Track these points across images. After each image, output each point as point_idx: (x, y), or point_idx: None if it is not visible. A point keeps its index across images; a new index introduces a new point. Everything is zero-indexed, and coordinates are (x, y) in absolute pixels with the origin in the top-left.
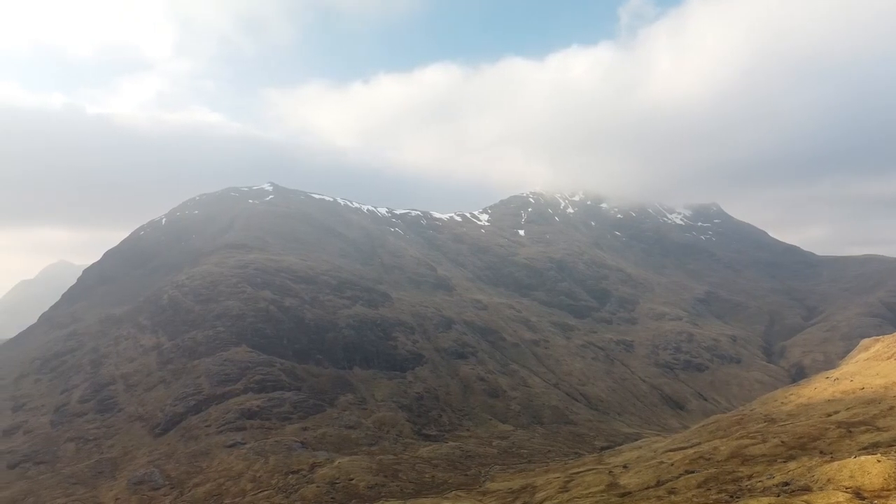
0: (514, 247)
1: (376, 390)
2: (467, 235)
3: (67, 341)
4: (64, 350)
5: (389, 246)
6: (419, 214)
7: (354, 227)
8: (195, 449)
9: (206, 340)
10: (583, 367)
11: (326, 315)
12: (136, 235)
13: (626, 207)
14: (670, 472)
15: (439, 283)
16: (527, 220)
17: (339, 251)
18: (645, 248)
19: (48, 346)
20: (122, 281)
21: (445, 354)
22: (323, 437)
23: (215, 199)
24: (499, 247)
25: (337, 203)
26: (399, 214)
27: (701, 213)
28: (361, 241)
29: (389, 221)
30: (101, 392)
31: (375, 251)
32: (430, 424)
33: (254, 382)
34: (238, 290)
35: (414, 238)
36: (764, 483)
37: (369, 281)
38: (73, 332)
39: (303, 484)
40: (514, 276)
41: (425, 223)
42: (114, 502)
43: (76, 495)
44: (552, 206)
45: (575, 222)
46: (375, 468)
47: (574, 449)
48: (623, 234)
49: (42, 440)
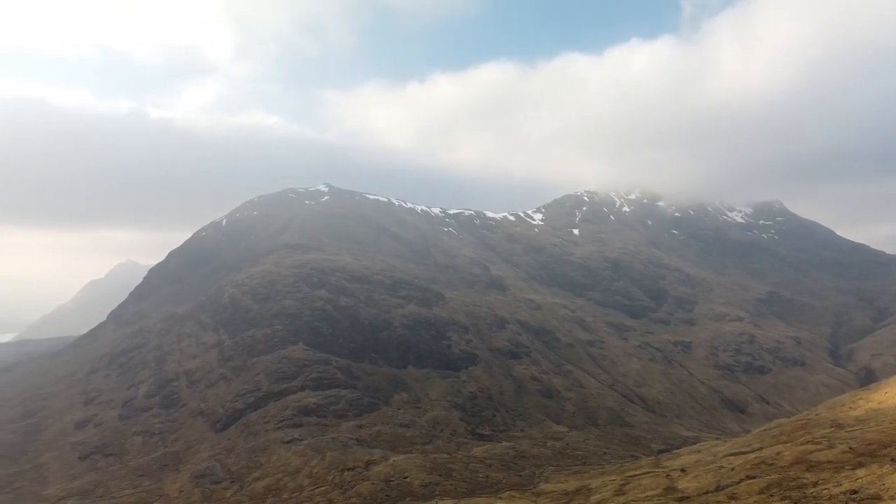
0: (568, 246)
1: (430, 389)
2: (521, 235)
3: (134, 338)
4: (131, 347)
5: (443, 246)
6: (472, 214)
7: (408, 227)
8: (254, 444)
9: (265, 338)
10: (639, 369)
11: (381, 314)
12: (198, 236)
13: (684, 205)
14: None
15: (493, 283)
16: (581, 219)
17: (393, 251)
18: (703, 248)
19: (116, 343)
20: (185, 280)
21: (499, 354)
22: (378, 434)
23: (273, 201)
24: (553, 246)
25: (391, 203)
26: (452, 214)
27: (763, 210)
28: (415, 240)
29: (443, 221)
30: (165, 388)
31: (429, 251)
32: (484, 424)
33: (310, 380)
34: (295, 290)
35: (467, 238)
36: (830, 490)
37: (423, 280)
38: (139, 329)
39: (358, 481)
40: (568, 275)
41: (479, 223)
42: (178, 495)
43: (142, 487)
44: (607, 205)
45: (631, 221)
46: (429, 467)
47: (630, 451)
48: (681, 232)
49: (111, 433)
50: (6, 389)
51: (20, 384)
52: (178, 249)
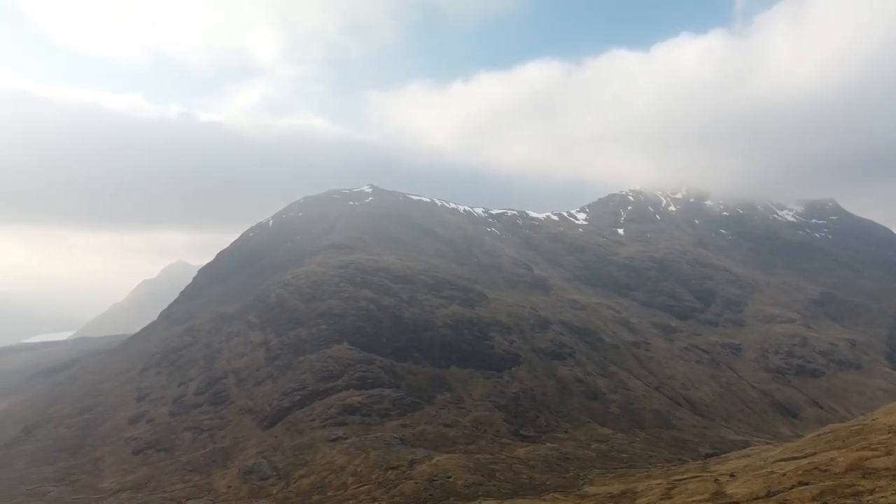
0: (612, 246)
1: (473, 390)
2: (564, 235)
3: (184, 337)
4: (181, 345)
5: (486, 246)
6: (515, 214)
7: (451, 227)
8: (300, 442)
9: (310, 338)
10: (686, 371)
11: (424, 314)
12: (245, 237)
13: (732, 204)
14: (782, 482)
15: (536, 283)
16: (626, 218)
17: (436, 251)
18: (753, 247)
19: (167, 342)
20: (234, 280)
21: (542, 355)
22: (421, 434)
23: (318, 202)
24: (597, 246)
25: (434, 204)
26: (495, 214)
27: (815, 209)
28: (458, 241)
29: (486, 221)
30: (214, 385)
31: (472, 251)
32: (527, 425)
33: (355, 379)
34: (340, 290)
35: (510, 238)
36: (888, 499)
37: (466, 281)
38: (189, 328)
39: (402, 480)
40: (612, 275)
41: (522, 223)
42: (226, 490)
43: (192, 482)
44: (653, 204)
45: (677, 220)
46: (472, 467)
47: (677, 455)
48: (729, 232)
49: (162, 429)
50: (65, 385)
51: (78, 380)
52: (227, 250)
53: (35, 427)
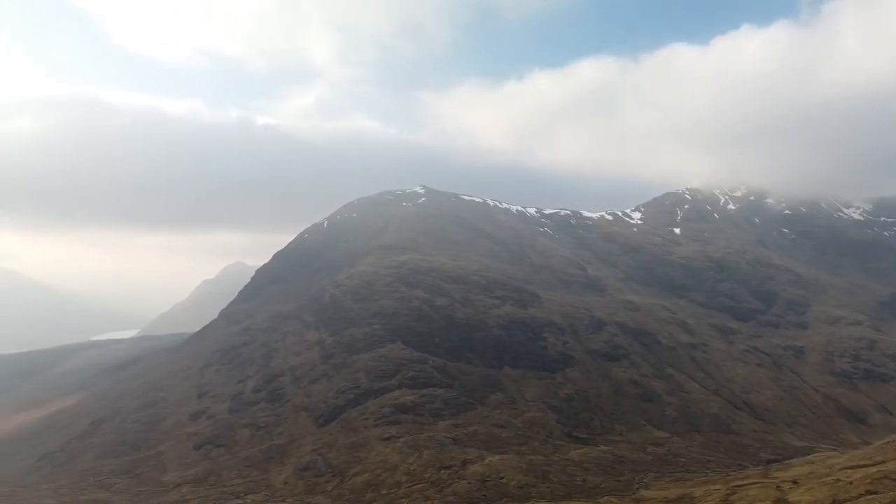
0: (669, 246)
1: (526, 390)
2: (619, 234)
3: (242, 336)
4: (239, 343)
5: (538, 246)
6: (569, 214)
7: (503, 227)
8: (354, 440)
9: (364, 337)
10: (746, 374)
11: (476, 314)
12: (301, 238)
13: (794, 202)
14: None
15: (589, 284)
16: (683, 217)
17: (488, 251)
18: (816, 246)
19: (226, 340)
20: (289, 280)
21: (596, 356)
22: (473, 434)
23: (371, 203)
24: (652, 246)
25: (486, 204)
26: (548, 214)
27: (884, 206)
28: (510, 241)
29: (538, 221)
30: (271, 383)
31: (524, 251)
32: (581, 427)
33: (408, 379)
34: (392, 290)
35: (563, 238)
36: None
37: (518, 281)
38: (247, 327)
39: (455, 479)
40: (668, 276)
41: (575, 223)
42: (283, 486)
43: (250, 477)
44: (711, 203)
45: (736, 219)
46: (525, 468)
47: (736, 460)
48: (791, 231)
49: (222, 425)
50: (130, 381)
51: (142, 377)
52: (283, 251)
53: (103, 421)
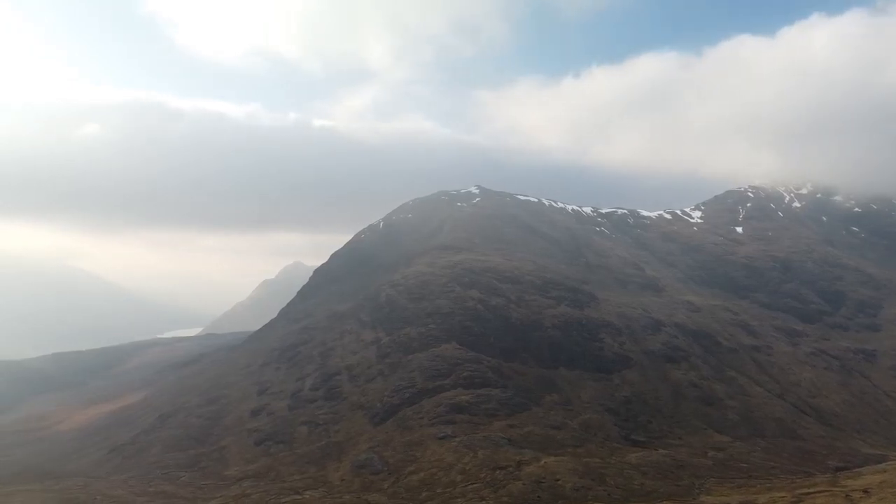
0: (730, 245)
1: (582, 392)
2: (678, 234)
3: (301, 334)
4: (298, 342)
5: (595, 246)
6: (626, 213)
7: (559, 227)
8: (409, 439)
9: (419, 337)
10: (812, 378)
11: (531, 314)
12: (357, 238)
13: (864, 200)
14: None
15: (647, 284)
16: (745, 216)
17: (543, 251)
18: (889, 246)
19: (285, 338)
20: (346, 280)
21: (654, 358)
22: (528, 435)
23: (426, 203)
24: (713, 245)
25: (541, 203)
26: (605, 213)
27: None
28: (566, 241)
29: (595, 221)
30: (328, 381)
31: (580, 251)
32: (639, 430)
33: (462, 378)
34: (447, 290)
35: (620, 237)
36: None
37: (574, 281)
38: (305, 326)
39: (510, 480)
40: (730, 276)
41: (632, 222)
42: (340, 482)
43: (308, 473)
44: (774, 201)
45: (802, 217)
46: (581, 470)
47: (802, 467)
48: (861, 229)
49: (281, 422)
50: (194, 378)
51: (205, 374)
52: (340, 251)
53: (169, 416)
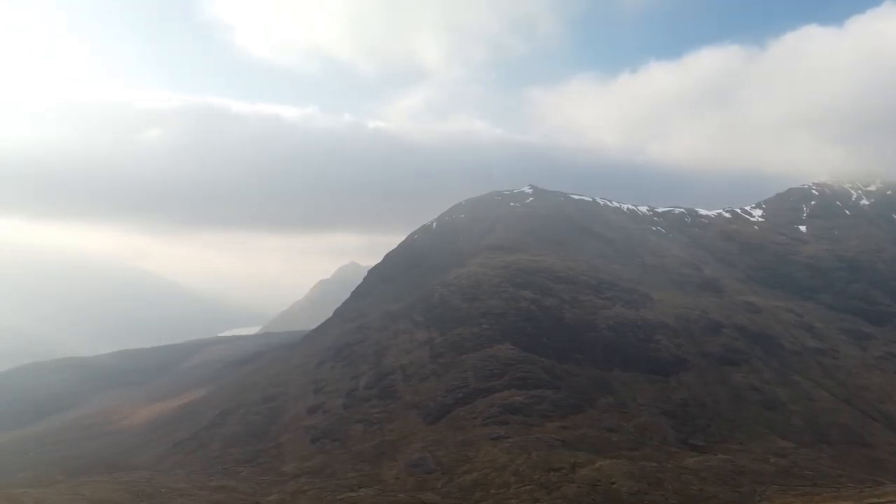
0: (793, 244)
1: (637, 394)
2: (738, 233)
3: (355, 334)
4: (352, 341)
5: (650, 245)
6: (683, 212)
7: (613, 226)
8: (463, 439)
9: (472, 337)
10: (883, 382)
11: (585, 315)
12: (410, 239)
13: None
14: None
15: (705, 285)
16: (809, 214)
17: (597, 251)
18: None
19: (340, 338)
20: (400, 280)
21: (713, 360)
22: (582, 437)
23: (479, 204)
24: (775, 245)
25: (595, 203)
26: (661, 213)
27: None
28: (621, 240)
29: (650, 220)
30: (382, 380)
31: (635, 251)
32: (697, 434)
33: (516, 379)
34: (500, 290)
35: (677, 237)
36: None
37: (629, 281)
38: (359, 325)
39: (564, 482)
40: (793, 276)
41: (689, 221)
42: (394, 481)
43: (363, 471)
44: (841, 199)
45: (870, 216)
46: (637, 474)
47: (871, 475)
48: None
49: (336, 420)
50: (252, 376)
51: (263, 372)
52: (394, 251)
53: (229, 412)
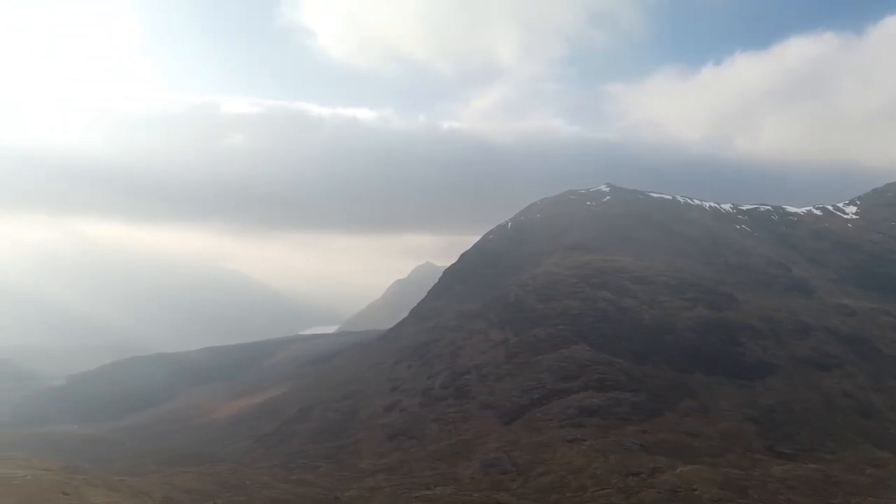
0: (891, 243)
1: (720, 398)
2: (829, 231)
3: (431, 333)
4: (428, 340)
5: (734, 244)
6: (769, 209)
7: (695, 225)
8: (538, 440)
9: (548, 337)
10: None
11: (665, 316)
12: (485, 239)
13: None
14: None
15: (794, 285)
16: None
17: (677, 251)
18: None
19: (416, 337)
20: (475, 280)
21: (802, 364)
22: (662, 441)
23: (555, 203)
24: (871, 243)
25: (676, 201)
26: (746, 210)
27: None
28: (702, 239)
29: (734, 218)
30: (458, 380)
31: (718, 250)
32: (785, 441)
33: (592, 381)
34: (576, 290)
35: (763, 235)
36: None
37: (711, 282)
38: (435, 325)
39: (643, 487)
40: (891, 277)
41: (777, 219)
42: (469, 480)
43: (438, 470)
44: None
45: None
46: (721, 481)
47: None
48: None
49: (412, 418)
50: (331, 374)
51: (341, 370)
52: (469, 252)
53: (308, 409)
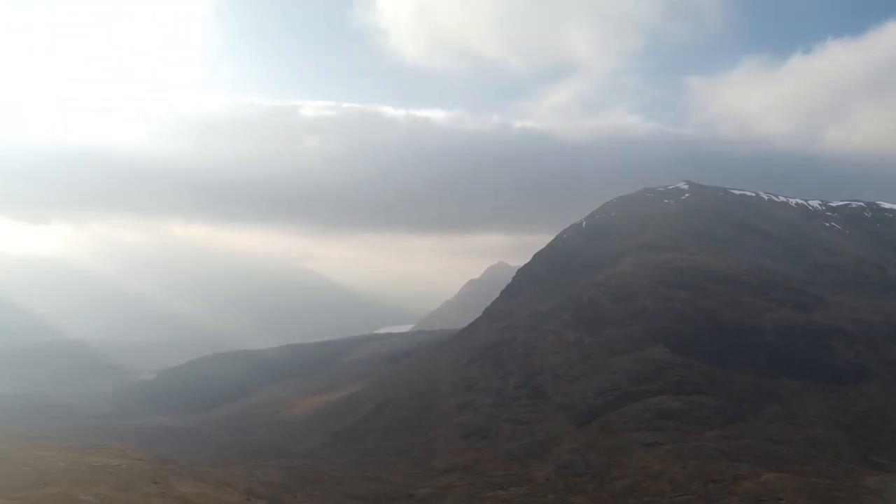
0: None
1: (808, 404)
2: None
3: (504, 333)
4: (501, 340)
5: (823, 243)
6: (862, 206)
7: (780, 223)
8: (614, 443)
9: (623, 339)
10: None
11: (747, 318)
12: (559, 238)
13: None
14: None
15: (889, 286)
16: None
17: (760, 250)
18: None
19: (489, 337)
20: (549, 280)
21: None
22: (745, 448)
23: (631, 201)
24: None
25: (759, 198)
26: (836, 207)
27: None
28: (788, 238)
29: (823, 215)
30: (531, 380)
31: (805, 249)
32: (879, 450)
33: (670, 384)
34: (652, 290)
35: (855, 233)
36: None
37: (798, 282)
38: (508, 325)
39: (724, 495)
40: None
41: (870, 215)
42: (544, 482)
43: (512, 470)
44: None
45: None
46: (808, 491)
47: None
48: None
49: (485, 418)
50: (405, 372)
51: (415, 368)
52: (542, 251)
53: (383, 406)
